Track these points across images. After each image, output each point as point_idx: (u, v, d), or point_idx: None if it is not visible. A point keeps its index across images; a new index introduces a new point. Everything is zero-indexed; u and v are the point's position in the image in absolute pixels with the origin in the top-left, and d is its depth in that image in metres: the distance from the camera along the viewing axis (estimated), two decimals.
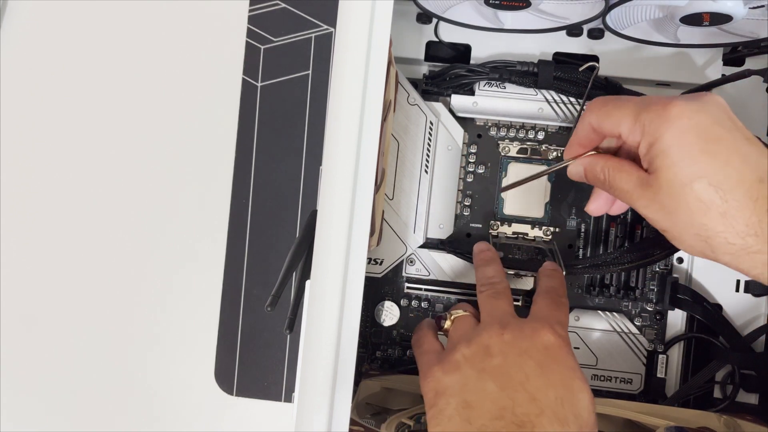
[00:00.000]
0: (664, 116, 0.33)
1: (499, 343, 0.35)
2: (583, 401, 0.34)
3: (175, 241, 0.54)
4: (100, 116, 0.55)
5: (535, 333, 0.35)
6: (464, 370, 0.35)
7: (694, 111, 0.33)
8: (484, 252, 0.43)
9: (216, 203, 0.54)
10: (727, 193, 0.32)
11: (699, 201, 0.32)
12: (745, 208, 0.32)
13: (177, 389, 0.54)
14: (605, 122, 0.37)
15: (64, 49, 0.55)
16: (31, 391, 0.54)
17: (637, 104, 0.35)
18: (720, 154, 0.32)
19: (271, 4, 0.54)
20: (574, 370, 0.35)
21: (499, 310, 0.38)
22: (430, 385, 0.35)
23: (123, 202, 0.54)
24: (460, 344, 0.36)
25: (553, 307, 0.38)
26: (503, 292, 0.39)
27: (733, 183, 0.32)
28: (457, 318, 0.39)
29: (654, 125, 0.34)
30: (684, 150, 0.33)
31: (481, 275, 0.41)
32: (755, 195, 0.31)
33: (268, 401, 0.53)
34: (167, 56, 0.55)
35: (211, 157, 0.54)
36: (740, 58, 0.47)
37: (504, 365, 0.34)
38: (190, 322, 0.54)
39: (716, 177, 0.32)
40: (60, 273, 0.54)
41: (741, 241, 0.32)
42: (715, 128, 0.33)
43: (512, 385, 0.33)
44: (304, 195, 0.54)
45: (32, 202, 0.55)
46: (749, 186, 0.32)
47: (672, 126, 0.33)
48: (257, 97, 0.54)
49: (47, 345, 0.54)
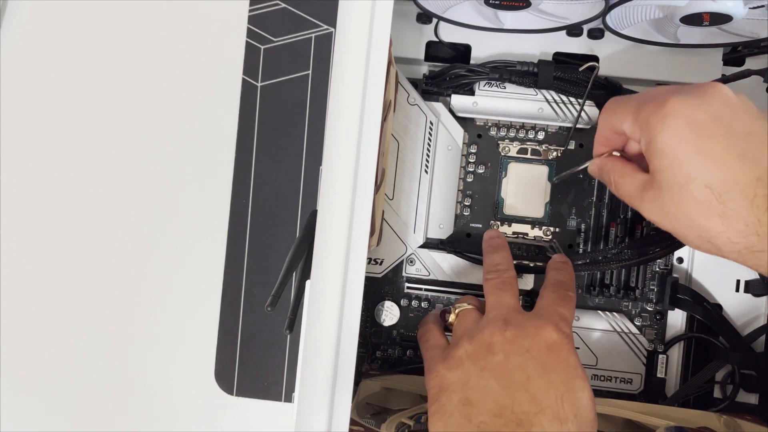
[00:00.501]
0: (660, 113, 0.33)
1: (501, 340, 0.35)
2: (584, 400, 0.34)
3: (175, 241, 0.54)
4: (100, 116, 0.55)
5: (537, 331, 0.35)
6: (466, 367, 0.35)
7: (691, 107, 0.32)
8: (493, 239, 0.43)
9: (216, 203, 0.54)
10: (722, 194, 0.31)
11: (697, 203, 0.32)
12: (742, 209, 0.31)
13: (177, 389, 0.54)
14: (613, 120, 0.36)
15: (64, 49, 0.55)
16: (31, 391, 0.54)
17: (638, 100, 0.35)
18: (715, 152, 0.31)
19: (271, 4, 0.54)
20: (576, 368, 0.34)
21: (503, 304, 0.38)
22: (435, 381, 0.35)
23: (123, 202, 0.54)
24: (463, 340, 0.36)
25: (558, 302, 0.37)
26: (509, 282, 0.39)
27: (729, 183, 0.31)
28: (461, 311, 0.39)
29: (651, 122, 0.33)
30: (679, 150, 0.32)
31: (489, 261, 0.41)
32: (752, 194, 0.31)
33: (268, 401, 0.53)
34: (167, 56, 0.55)
35: (211, 157, 0.54)
36: (740, 58, 0.47)
37: (505, 363, 0.34)
38: (190, 322, 0.54)
39: (711, 177, 0.31)
40: (60, 273, 0.54)
41: (743, 240, 0.31)
42: (711, 125, 0.32)
43: (513, 384, 0.33)
44: (304, 195, 0.54)
45: (32, 202, 0.55)
46: (745, 185, 0.31)
47: (667, 124, 0.32)
48: (257, 97, 0.54)
49: (47, 345, 0.54)
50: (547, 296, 0.38)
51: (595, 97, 0.45)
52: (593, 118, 0.46)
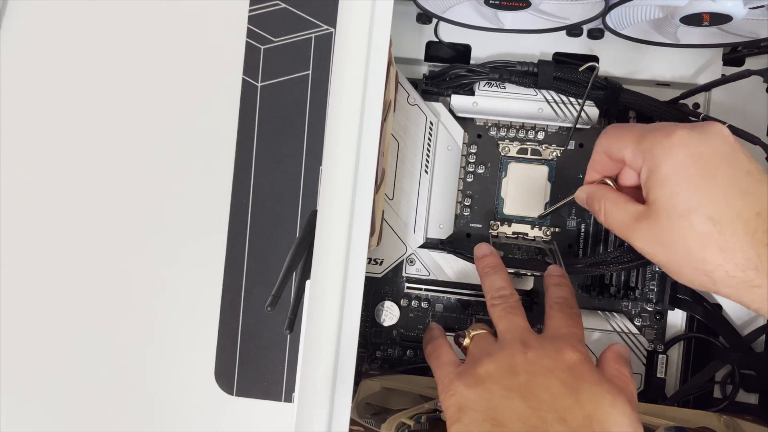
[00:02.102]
0: (665, 144, 0.33)
1: (523, 361, 0.35)
2: (613, 415, 0.33)
3: (175, 241, 0.54)
4: (100, 116, 0.55)
5: (558, 353, 0.35)
6: (489, 386, 0.34)
7: (695, 141, 0.33)
8: (487, 257, 0.42)
9: (216, 203, 0.54)
10: (724, 226, 0.32)
11: (696, 234, 0.32)
12: (743, 242, 0.31)
13: (177, 389, 0.54)
14: (612, 146, 0.37)
15: (64, 49, 0.55)
16: (31, 391, 0.54)
17: (642, 130, 0.35)
18: (718, 186, 0.32)
19: (271, 4, 0.54)
20: (601, 383, 0.34)
21: (516, 326, 0.37)
22: (452, 400, 0.35)
23: (123, 202, 0.54)
24: (482, 360, 0.36)
25: (569, 323, 0.37)
26: (516, 306, 0.39)
27: (731, 216, 0.31)
28: (476, 335, 0.39)
29: (654, 152, 0.34)
30: (682, 180, 0.33)
31: (490, 286, 0.40)
32: (752, 229, 0.31)
33: (268, 401, 0.53)
34: (167, 56, 0.55)
35: (211, 157, 0.54)
36: (740, 58, 0.47)
37: (530, 384, 0.34)
38: (190, 322, 0.54)
39: (713, 209, 0.32)
40: (60, 273, 0.55)
41: (742, 274, 0.32)
42: (715, 159, 0.33)
43: (541, 405, 0.33)
44: (304, 195, 0.54)
45: (32, 202, 0.55)
46: (746, 220, 0.31)
47: (672, 155, 0.33)
48: (257, 97, 0.54)
49: (47, 345, 0.54)
50: (556, 317, 0.38)
51: (595, 97, 0.45)
52: (593, 118, 0.46)
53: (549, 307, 0.39)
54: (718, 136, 0.33)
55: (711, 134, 0.33)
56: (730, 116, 0.45)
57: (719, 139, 0.33)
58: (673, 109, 0.44)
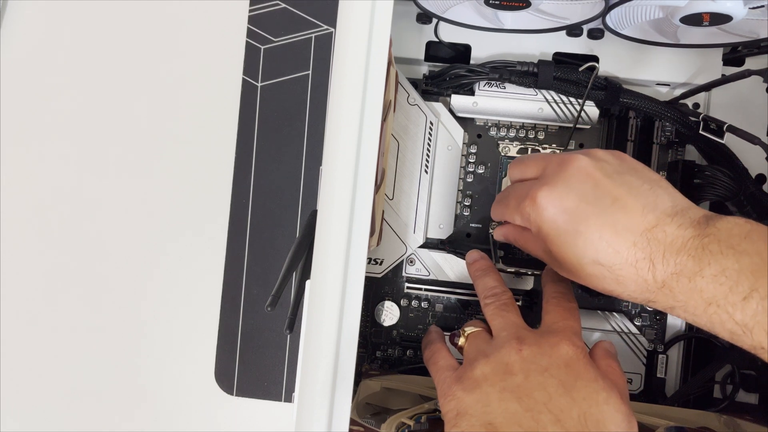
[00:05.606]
0: (535, 209, 0.35)
1: (518, 360, 0.35)
2: (607, 412, 0.33)
3: (175, 241, 0.54)
4: (100, 116, 0.55)
5: (553, 348, 0.35)
6: (484, 389, 0.34)
7: (557, 197, 0.35)
8: (478, 261, 0.43)
9: (216, 203, 0.54)
10: (611, 266, 0.33)
11: (593, 276, 0.34)
12: (630, 274, 0.33)
13: (177, 389, 0.54)
14: (505, 216, 0.39)
15: (64, 49, 0.55)
16: (31, 391, 0.54)
17: (516, 198, 0.37)
18: (591, 231, 0.33)
19: (271, 4, 0.54)
20: (596, 380, 0.34)
21: (510, 323, 0.38)
22: (451, 405, 0.35)
23: (123, 202, 0.54)
24: (478, 360, 0.36)
25: (566, 316, 0.38)
26: (509, 303, 0.39)
27: (612, 255, 0.33)
28: (471, 334, 0.39)
29: (531, 218, 0.36)
30: (560, 237, 0.34)
31: (482, 286, 0.41)
32: (633, 260, 0.33)
33: (268, 401, 0.53)
34: (168, 56, 0.55)
35: (211, 157, 0.54)
36: (740, 58, 0.47)
37: (526, 384, 0.34)
38: (190, 322, 0.54)
39: (596, 254, 0.33)
40: (60, 273, 0.55)
41: (641, 296, 0.33)
42: (581, 207, 0.34)
43: (536, 406, 0.33)
44: (304, 195, 0.54)
45: (32, 202, 0.55)
46: (626, 254, 0.33)
47: (543, 216, 0.35)
48: (257, 97, 0.54)
49: (47, 345, 0.54)
50: (552, 311, 0.38)
51: (595, 97, 0.45)
52: (593, 118, 0.46)
53: (546, 301, 0.39)
54: (575, 176, 0.35)
55: (568, 178, 0.35)
56: (730, 116, 0.45)
57: (578, 179, 0.35)
58: (673, 109, 0.44)
